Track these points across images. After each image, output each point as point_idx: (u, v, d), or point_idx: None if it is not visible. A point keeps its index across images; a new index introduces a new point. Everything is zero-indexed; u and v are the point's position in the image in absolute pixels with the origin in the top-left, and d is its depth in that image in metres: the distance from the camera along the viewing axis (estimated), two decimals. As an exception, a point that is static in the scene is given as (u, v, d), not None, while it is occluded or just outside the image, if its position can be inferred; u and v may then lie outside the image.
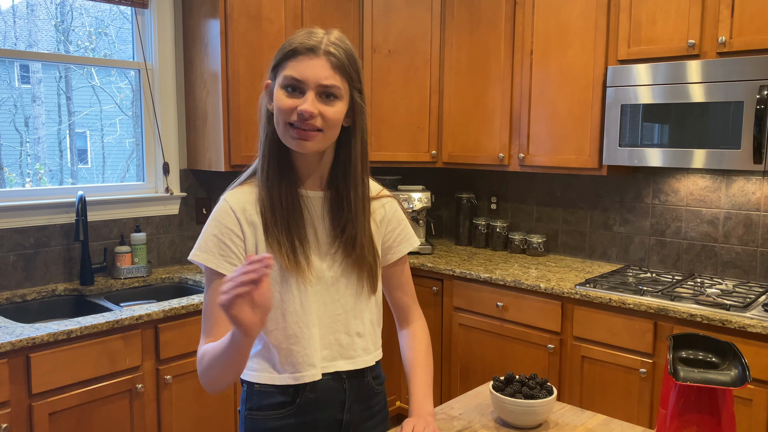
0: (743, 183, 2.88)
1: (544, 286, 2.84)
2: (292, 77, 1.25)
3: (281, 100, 1.26)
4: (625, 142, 2.82)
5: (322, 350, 1.37)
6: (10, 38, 3.10)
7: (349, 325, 1.40)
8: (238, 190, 1.35)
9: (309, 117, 1.23)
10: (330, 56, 1.25)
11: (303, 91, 1.25)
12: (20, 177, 3.09)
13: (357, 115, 1.32)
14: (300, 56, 1.25)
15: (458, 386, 3.25)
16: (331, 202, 1.37)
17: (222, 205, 1.33)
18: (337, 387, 1.39)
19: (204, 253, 1.30)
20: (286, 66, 1.26)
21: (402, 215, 1.48)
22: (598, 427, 1.56)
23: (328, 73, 1.25)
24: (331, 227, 1.37)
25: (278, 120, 1.27)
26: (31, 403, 2.14)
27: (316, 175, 1.36)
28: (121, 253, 2.92)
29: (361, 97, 1.32)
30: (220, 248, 1.30)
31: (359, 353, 1.42)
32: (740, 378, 1.28)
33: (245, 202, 1.33)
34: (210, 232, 1.31)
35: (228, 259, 1.30)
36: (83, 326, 2.23)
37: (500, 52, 3.30)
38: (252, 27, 3.01)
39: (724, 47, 2.56)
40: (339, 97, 1.27)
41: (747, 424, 2.33)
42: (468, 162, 3.49)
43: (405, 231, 1.48)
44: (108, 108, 3.40)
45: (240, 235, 1.31)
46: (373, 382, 1.47)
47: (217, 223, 1.31)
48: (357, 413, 1.43)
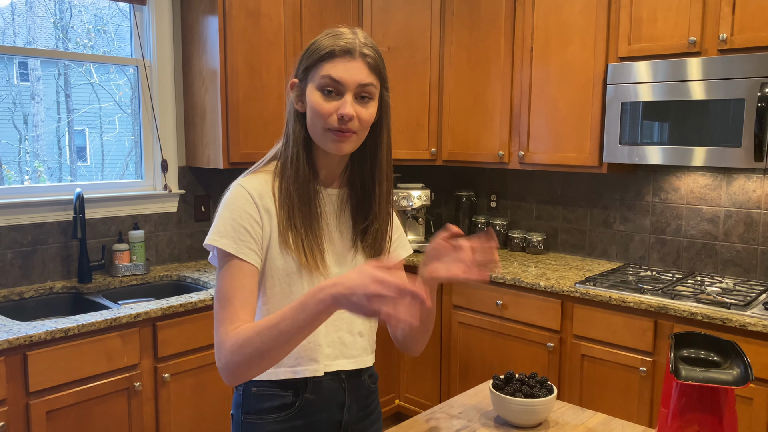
0: (744, 181, 2.87)
1: (543, 284, 2.83)
2: (331, 78, 1.25)
3: (319, 103, 1.26)
4: (625, 139, 2.80)
5: (326, 348, 1.36)
6: (9, 35, 3.09)
7: (352, 323, 1.40)
8: (252, 178, 1.33)
9: (349, 119, 1.25)
10: (366, 57, 1.27)
11: (341, 93, 1.26)
12: (19, 174, 3.08)
13: (384, 113, 1.35)
14: (337, 58, 1.26)
15: (457, 385, 3.24)
16: (352, 198, 1.39)
17: (238, 190, 1.30)
18: (336, 387, 1.38)
19: (222, 237, 1.25)
20: (322, 67, 1.26)
21: (397, 222, 1.51)
22: (599, 426, 1.55)
23: (365, 74, 1.27)
24: (352, 224, 1.39)
25: (315, 122, 1.28)
26: (29, 401, 2.13)
27: (335, 173, 1.39)
28: (120, 250, 2.91)
29: (388, 95, 1.35)
30: (239, 232, 1.26)
31: (360, 353, 1.42)
32: (742, 377, 1.27)
33: (262, 190, 1.31)
34: (228, 217, 1.27)
35: (247, 244, 1.26)
36: (81, 324, 2.22)
37: (500, 50, 3.29)
38: (251, 24, 3.00)
39: (725, 44, 2.55)
40: (373, 97, 1.29)
41: (748, 423, 2.32)
42: (468, 160, 3.48)
43: (402, 237, 1.52)
44: (107, 105, 3.39)
45: (258, 220, 1.28)
46: (368, 381, 1.46)
47: (236, 207, 1.28)
48: (355, 413, 1.42)
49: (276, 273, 1.31)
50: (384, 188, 1.38)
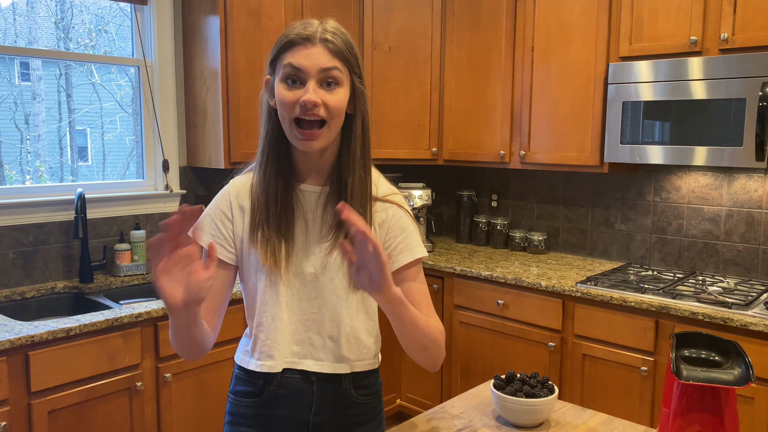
0: (745, 180, 2.87)
1: (544, 283, 2.83)
2: (291, 66, 1.23)
3: (282, 93, 1.24)
4: (626, 139, 2.80)
5: (293, 346, 1.36)
6: (11, 35, 3.09)
7: (322, 326, 1.36)
8: (242, 176, 1.41)
9: (312, 107, 1.21)
10: (327, 43, 1.24)
11: (303, 81, 1.23)
12: (20, 174, 3.08)
13: (358, 101, 1.30)
14: (297, 46, 1.24)
15: (458, 384, 3.24)
16: (329, 195, 1.34)
17: (223, 188, 1.41)
18: (305, 388, 1.36)
19: (198, 231, 1.34)
20: (284, 58, 1.25)
21: (407, 223, 1.38)
22: (600, 426, 1.55)
23: (326, 59, 1.23)
24: (323, 221, 1.34)
25: (283, 116, 1.26)
26: (30, 401, 2.13)
27: (315, 170, 1.35)
28: (121, 250, 2.91)
29: (361, 82, 1.30)
30: (211, 227, 1.37)
31: (328, 357, 1.37)
32: (744, 377, 1.27)
33: (241, 188, 1.38)
34: (207, 212, 1.38)
35: (217, 239, 1.36)
36: (82, 324, 2.22)
37: (501, 49, 3.29)
38: (252, 23, 3.00)
39: (726, 44, 2.55)
40: (340, 83, 1.25)
41: (749, 423, 2.32)
42: (469, 159, 3.48)
43: (407, 240, 1.37)
44: (108, 105, 3.39)
45: (230, 217, 1.37)
46: (353, 392, 1.40)
47: (214, 204, 1.39)
48: (329, 419, 1.38)
49: (249, 267, 1.37)
50: (356, 179, 1.31)
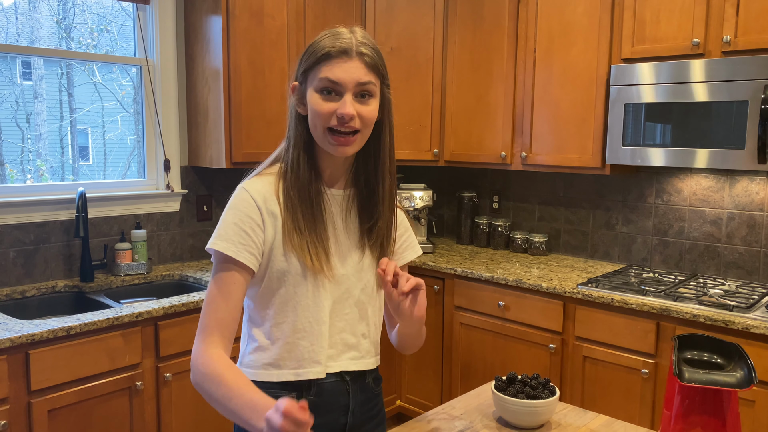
0: (747, 183, 2.87)
1: (545, 285, 2.83)
2: (329, 80, 1.26)
3: (318, 104, 1.27)
4: (628, 141, 2.80)
5: (329, 349, 1.36)
6: (12, 34, 3.09)
7: (355, 325, 1.39)
8: (256, 180, 1.34)
9: (350, 119, 1.25)
10: (363, 56, 1.27)
11: (340, 93, 1.26)
12: (22, 173, 3.08)
13: (386, 110, 1.35)
14: (334, 59, 1.26)
15: (459, 386, 3.24)
16: (357, 198, 1.39)
17: (241, 194, 1.31)
18: (341, 390, 1.38)
19: (223, 241, 1.27)
20: (320, 69, 1.27)
21: (408, 223, 1.51)
22: (601, 428, 1.55)
23: (363, 73, 1.27)
24: (358, 224, 1.39)
25: (316, 124, 1.29)
26: (30, 400, 2.13)
27: (340, 174, 1.38)
28: (122, 250, 2.91)
29: (389, 92, 1.35)
30: (240, 236, 1.28)
31: (363, 355, 1.41)
32: (746, 379, 1.26)
33: (266, 192, 1.32)
34: (230, 221, 1.29)
35: (248, 248, 1.28)
36: (83, 323, 2.22)
37: (503, 51, 3.28)
38: (254, 23, 3.00)
39: (728, 46, 2.54)
40: (374, 95, 1.30)
41: (750, 426, 2.31)
42: (470, 161, 3.48)
43: (411, 239, 1.51)
44: (109, 105, 3.39)
45: (260, 224, 1.30)
46: (372, 384, 1.45)
47: (238, 211, 1.29)
48: (359, 416, 1.42)
49: (280, 275, 1.31)
50: (387, 186, 1.38)
